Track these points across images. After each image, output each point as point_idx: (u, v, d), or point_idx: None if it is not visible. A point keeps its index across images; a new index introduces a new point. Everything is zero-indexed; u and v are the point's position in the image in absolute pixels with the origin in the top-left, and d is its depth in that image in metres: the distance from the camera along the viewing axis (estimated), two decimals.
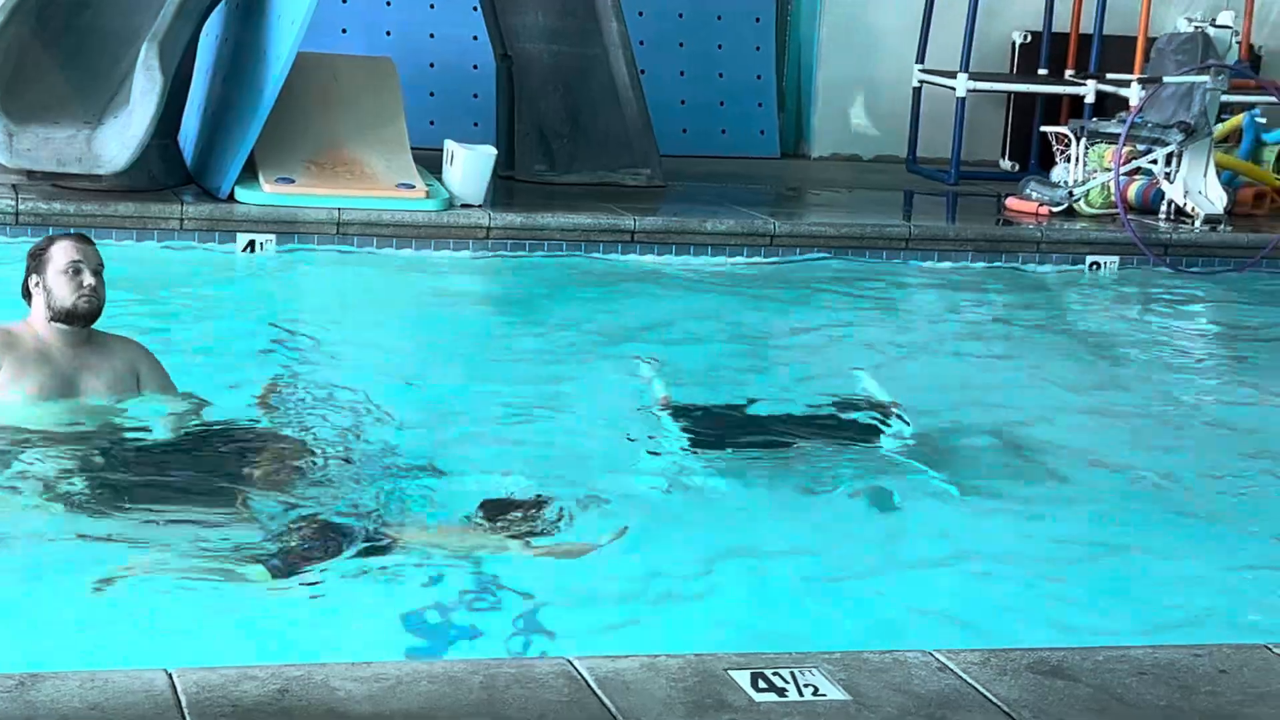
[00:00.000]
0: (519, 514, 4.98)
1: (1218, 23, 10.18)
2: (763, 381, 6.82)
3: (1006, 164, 12.09)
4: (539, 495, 5.13)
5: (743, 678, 3.43)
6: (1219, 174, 10.19)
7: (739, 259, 9.13)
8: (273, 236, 8.63)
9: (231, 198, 8.74)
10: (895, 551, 5.04)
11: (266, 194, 8.75)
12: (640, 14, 11.25)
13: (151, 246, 8.48)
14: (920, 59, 11.58)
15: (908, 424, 6.22)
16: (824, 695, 3.39)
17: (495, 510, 4.98)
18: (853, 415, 6.37)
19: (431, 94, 10.87)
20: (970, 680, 3.50)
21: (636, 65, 10.33)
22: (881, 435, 6.09)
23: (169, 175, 9.03)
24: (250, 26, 9.06)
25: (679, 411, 6.25)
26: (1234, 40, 10.33)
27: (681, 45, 11.78)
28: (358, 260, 8.63)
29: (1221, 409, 7.03)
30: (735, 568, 4.87)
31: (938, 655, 3.60)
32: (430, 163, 9.32)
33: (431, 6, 11.24)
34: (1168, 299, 9.13)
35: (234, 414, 5.62)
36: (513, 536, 4.83)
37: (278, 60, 8.62)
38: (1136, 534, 5.34)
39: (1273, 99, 10.79)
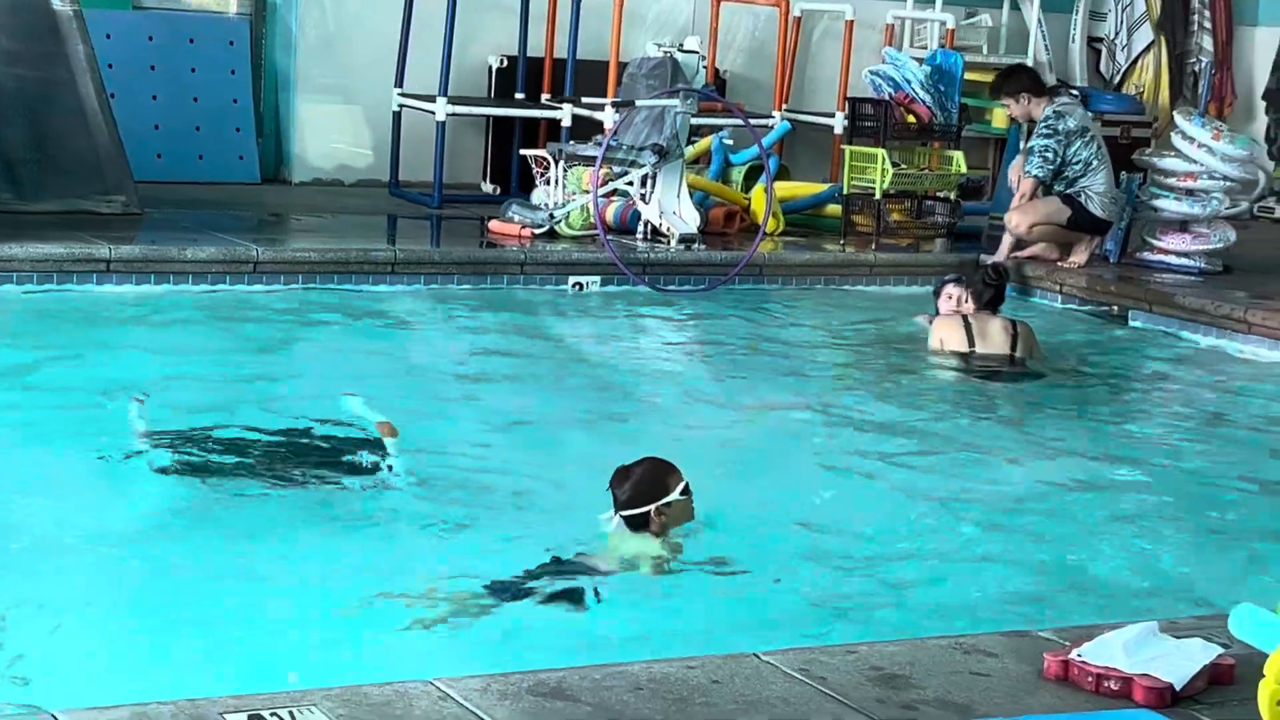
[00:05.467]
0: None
1: (685, 48, 10.54)
2: (253, 409, 6.67)
3: (488, 187, 12.23)
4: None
5: None
6: (691, 195, 10.55)
7: (222, 286, 8.92)
8: None
9: None
10: (395, 577, 4.99)
11: None
12: (108, 36, 10.89)
13: None
14: (399, 83, 11.59)
15: (396, 449, 6.20)
16: None
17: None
18: (344, 438, 6.31)
19: None
20: (472, 708, 3.49)
21: (106, 89, 9.98)
22: (373, 457, 6.05)
23: None
24: None
25: (167, 443, 6.06)
26: (701, 65, 10.71)
27: (153, 68, 11.46)
28: None
29: (706, 417, 7.27)
30: (234, 601, 4.75)
31: (438, 684, 3.58)
32: None
33: None
34: (647, 316, 9.39)
35: None
36: None
37: None
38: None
39: (739, 121, 11.24)
